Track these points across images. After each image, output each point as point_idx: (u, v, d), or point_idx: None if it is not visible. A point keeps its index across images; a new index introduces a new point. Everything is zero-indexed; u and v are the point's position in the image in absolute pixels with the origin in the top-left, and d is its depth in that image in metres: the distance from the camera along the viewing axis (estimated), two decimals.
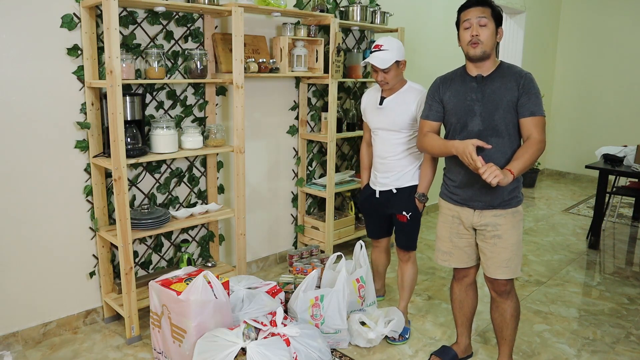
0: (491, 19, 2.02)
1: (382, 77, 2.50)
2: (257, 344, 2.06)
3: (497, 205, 2.10)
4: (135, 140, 2.52)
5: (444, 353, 2.45)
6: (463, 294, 2.39)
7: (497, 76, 2.05)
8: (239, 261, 2.96)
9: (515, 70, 2.05)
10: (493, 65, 2.06)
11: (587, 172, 6.33)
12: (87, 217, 2.67)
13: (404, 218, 2.62)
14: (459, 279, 2.37)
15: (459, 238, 2.24)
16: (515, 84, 2.01)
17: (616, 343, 2.69)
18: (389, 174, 2.62)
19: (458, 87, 2.13)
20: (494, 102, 2.03)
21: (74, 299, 2.69)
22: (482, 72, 2.07)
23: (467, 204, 2.15)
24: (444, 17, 4.72)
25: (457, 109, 2.11)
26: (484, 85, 2.06)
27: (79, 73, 2.51)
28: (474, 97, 2.06)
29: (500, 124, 2.03)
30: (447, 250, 2.29)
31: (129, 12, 2.63)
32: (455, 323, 2.47)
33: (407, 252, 2.69)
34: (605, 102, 6.38)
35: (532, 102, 1.99)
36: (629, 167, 4.02)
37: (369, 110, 2.67)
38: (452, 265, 2.31)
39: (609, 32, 6.33)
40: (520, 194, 2.15)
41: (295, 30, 3.21)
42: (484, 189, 2.08)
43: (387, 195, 2.65)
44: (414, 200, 2.61)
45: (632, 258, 3.98)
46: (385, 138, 2.59)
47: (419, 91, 2.55)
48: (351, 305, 2.69)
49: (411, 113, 2.51)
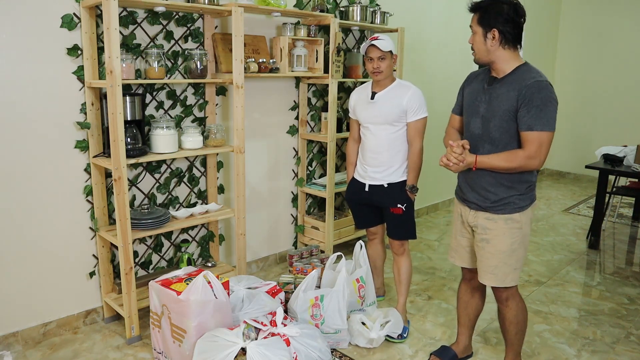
0: (477, 25, 1.96)
1: (377, 65, 2.55)
2: (257, 344, 2.06)
3: (487, 208, 2.05)
4: (135, 140, 2.52)
5: (444, 353, 2.45)
6: (468, 296, 2.38)
7: (507, 81, 1.95)
8: (239, 261, 2.96)
9: (526, 76, 1.91)
10: (508, 67, 1.96)
11: (587, 172, 6.33)
12: (87, 217, 2.67)
13: (399, 210, 2.65)
14: (466, 279, 2.36)
15: (461, 236, 2.25)
16: (515, 93, 1.90)
17: (616, 343, 2.69)
18: (381, 168, 2.65)
19: (475, 85, 2.10)
20: (494, 109, 1.97)
21: (74, 299, 2.69)
22: (497, 74, 2.00)
23: (466, 202, 2.16)
24: (444, 17, 4.71)
25: (467, 108, 2.11)
26: (493, 88, 2.00)
27: (79, 73, 2.51)
28: (482, 99, 2.03)
29: (494, 132, 1.97)
30: (453, 247, 2.31)
31: (129, 12, 2.63)
32: (458, 322, 2.47)
33: (402, 244, 2.72)
34: (605, 102, 6.37)
35: (531, 115, 1.86)
36: (629, 167, 4.02)
37: (360, 105, 2.71)
38: (457, 263, 2.32)
39: (609, 32, 6.33)
40: (522, 202, 2.02)
41: (295, 30, 3.21)
42: (473, 189, 2.08)
43: (378, 190, 2.68)
44: (406, 192, 2.65)
45: (632, 258, 3.98)
46: (377, 132, 2.63)
47: (409, 87, 2.62)
48: (351, 305, 2.69)
49: (402, 107, 2.57)
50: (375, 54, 2.54)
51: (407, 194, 2.66)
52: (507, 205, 2.02)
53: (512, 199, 2.02)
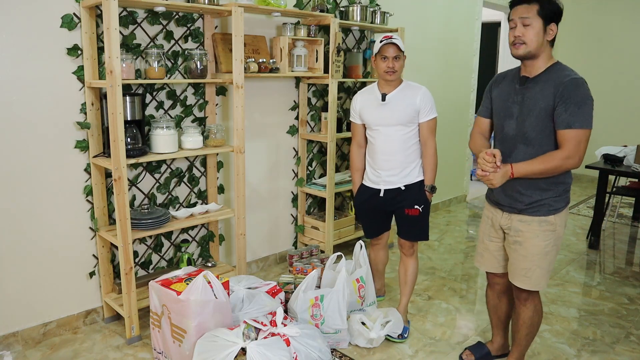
0: (537, 17, 1.89)
1: (392, 65, 2.51)
2: (257, 344, 2.06)
3: (521, 211, 2.04)
4: (135, 140, 2.52)
5: (477, 349, 2.47)
6: (496, 300, 2.37)
7: (542, 80, 1.94)
8: (239, 261, 2.96)
9: (561, 74, 1.90)
10: (544, 64, 1.95)
11: (587, 172, 6.31)
12: (87, 217, 2.67)
13: (416, 212, 2.62)
14: (491, 284, 2.35)
15: (489, 241, 2.23)
16: (552, 91, 1.89)
17: (616, 343, 2.69)
18: (396, 171, 2.61)
19: (505, 86, 2.08)
20: (529, 108, 1.95)
21: (74, 299, 2.69)
22: (529, 74, 1.98)
23: (498, 205, 2.14)
24: (444, 17, 4.71)
25: (499, 110, 2.08)
26: (525, 88, 1.97)
27: (79, 73, 2.51)
28: (515, 100, 2.00)
29: (530, 131, 1.95)
30: (480, 251, 2.29)
31: (129, 12, 2.63)
32: (491, 324, 2.49)
33: (413, 246, 2.71)
34: (605, 102, 6.37)
35: (569, 113, 1.85)
36: (629, 167, 4.02)
37: (368, 108, 2.65)
38: (482, 268, 2.29)
39: (609, 31, 6.33)
40: (557, 203, 2.01)
41: (295, 30, 3.21)
42: (505, 192, 2.06)
43: (394, 193, 2.64)
44: (424, 194, 2.63)
45: (632, 258, 3.98)
46: (389, 134, 2.59)
47: (419, 87, 2.59)
48: (351, 306, 2.69)
49: (415, 107, 2.54)
50: (391, 53, 2.49)
51: (425, 195, 2.63)
52: (542, 207, 2.01)
53: (547, 201, 2.00)
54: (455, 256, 3.93)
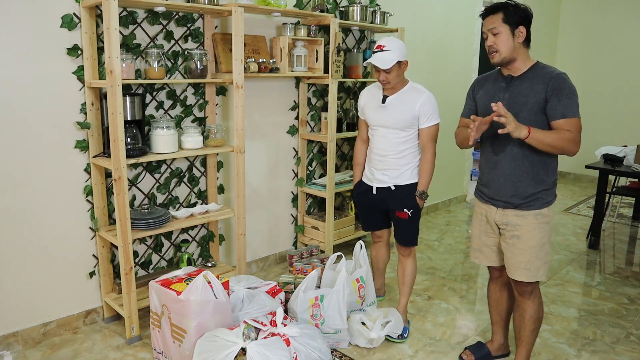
0: (503, 24, 2.01)
1: (384, 77, 2.51)
2: (257, 344, 2.06)
3: (517, 206, 2.10)
4: (135, 140, 2.52)
5: (477, 349, 2.49)
6: (498, 293, 2.41)
7: (528, 77, 2.04)
8: (239, 261, 2.96)
9: (547, 70, 2.02)
10: (524, 65, 2.06)
11: (587, 172, 6.33)
12: (87, 217, 2.67)
13: (405, 215, 2.63)
14: (493, 277, 2.40)
15: (486, 236, 2.27)
16: (543, 86, 1.98)
17: (616, 343, 2.69)
18: (387, 171, 2.63)
19: (489, 86, 2.16)
20: (519, 103, 2.03)
21: (74, 299, 2.69)
22: (513, 73, 2.07)
23: (492, 201, 2.18)
24: (444, 17, 4.71)
25: (486, 108, 2.13)
26: (512, 85, 2.07)
27: (79, 73, 2.51)
28: (502, 97, 2.08)
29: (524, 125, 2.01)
30: (477, 247, 2.33)
31: (129, 12, 2.63)
32: (491, 321, 2.50)
33: (408, 248, 2.71)
34: (605, 102, 6.37)
35: (563, 104, 1.95)
36: (629, 167, 4.02)
37: (370, 107, 2.67)
38: (482, 263, 2.34)
39: (609, 32, 6.33)
40: (548, 196, 2.10)
41: (295, 30, 3.21)
42: (503, 188, 2.11)
43: (385, 192, 2.66)
44: (414, 198, 2.62)
45: (632, 258, 3.98)
46: (385, 135, 2.60)
47: (422, 91, 2.57)
48: (351, 305, 2.69)
49: (414, 112, 2.53)
50: (380, 67, 2.48)
51: (415, 199, 2.62)
52: (537, 200, 2.09)
53: (541, 194, 2.09)
54: (455, 256, 3.93)
